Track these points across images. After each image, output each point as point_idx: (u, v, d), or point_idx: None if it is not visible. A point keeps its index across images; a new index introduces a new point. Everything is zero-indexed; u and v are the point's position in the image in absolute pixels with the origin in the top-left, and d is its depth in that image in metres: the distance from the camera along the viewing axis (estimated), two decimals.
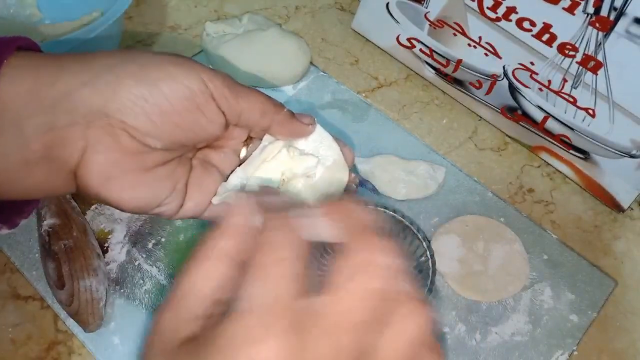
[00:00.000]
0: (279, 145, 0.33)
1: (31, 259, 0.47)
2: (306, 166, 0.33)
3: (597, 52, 0.47)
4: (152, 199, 0.31)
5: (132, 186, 0.30)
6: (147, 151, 0.30)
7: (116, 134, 0.28)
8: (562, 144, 0.54)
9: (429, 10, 0.57)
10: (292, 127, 0.33)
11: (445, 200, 0.53)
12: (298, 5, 0.67)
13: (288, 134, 0.34)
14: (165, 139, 0.30)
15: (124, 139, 0.29)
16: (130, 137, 0.29)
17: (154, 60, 0.29)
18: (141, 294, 0.46)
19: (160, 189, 0.31)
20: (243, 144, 0.35)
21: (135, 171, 0.30)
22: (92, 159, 0.28)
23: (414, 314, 0.23)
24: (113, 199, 0.30)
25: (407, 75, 0.62)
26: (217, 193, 0.34)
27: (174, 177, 0.32)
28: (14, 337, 0.44)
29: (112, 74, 0.28)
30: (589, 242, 0.52)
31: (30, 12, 0.58)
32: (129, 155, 0.29)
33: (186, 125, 0.30)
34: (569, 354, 0.46)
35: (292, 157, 0.33)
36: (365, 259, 0.23)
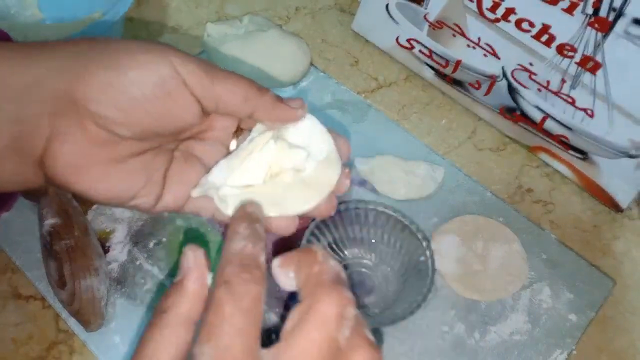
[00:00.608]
0: (267, 136, 0.32)
1: (32, 258, 0.48)
2: (295, 160, 0.31)
3: (596, 52, 0.47)
4: (124, 191, 0.30)
5: (102, 177, 0.29)
6: (117, 141, 0.29)
7: (83, 123, 0.27)
8: (561, 144, 0.54)
9: (428, 11, 0.57)
10: (279, 112, 0.31)
11: (444, 200, 0.53)
12: (298, 7, 0.68)
13: (274, 120, 0.32)
14: (134, 128, 0.28)
15: (91, 128, 0.28)
16: (98, 126, 0.28)
17: (123, 47, 0.28)
18: (142, 294, 0.47)
19: (132, 181, 0.30)
20: (233, 135, 0.33)
21: (105, 162, 0.29)
22: (58, 149, 0.27)
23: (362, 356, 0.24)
24: (83, 190, 0.29)
25: (406, 76, 0.63)
26: (198, 185, 0.32)
27: (149, 169, 0.30)
28: (15, 336, 0.45)
29: (79, 61, 0.27)
30: (588, 242, 0.52)
31: (31, 13, 0.58)
32: (97, 145, 0.28)
33: (156, 114, 0.28)
34: (568, 354, 0.46)
35: (280, 150, 0.31)
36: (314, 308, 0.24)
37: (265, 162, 0.31)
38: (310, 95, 0.59)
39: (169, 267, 0.48)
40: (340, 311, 0.24)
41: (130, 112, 0.28)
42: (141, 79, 0.27)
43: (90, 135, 0.28)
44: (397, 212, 0.47)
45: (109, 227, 0.50)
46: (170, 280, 0.47)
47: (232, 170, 0.32)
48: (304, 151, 0.31)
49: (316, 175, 0.31)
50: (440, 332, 0.46)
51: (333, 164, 0.32)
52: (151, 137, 0.30)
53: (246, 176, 0.31)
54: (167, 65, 0.28)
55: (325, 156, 0.32)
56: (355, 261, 0.49)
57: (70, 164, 0.28)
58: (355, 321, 0.25)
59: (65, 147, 0.27)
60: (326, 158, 0.32)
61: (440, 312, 0.47)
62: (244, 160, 0.31)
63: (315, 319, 0.24)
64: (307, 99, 0.59)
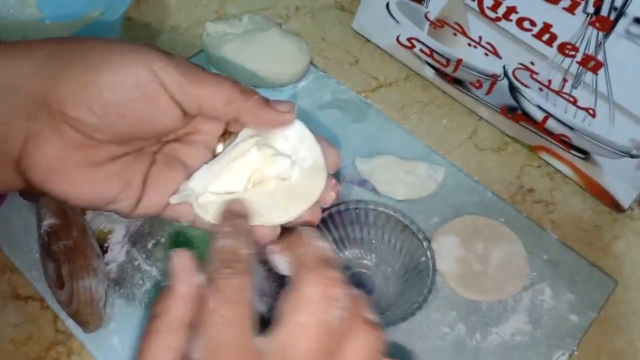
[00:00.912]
0: (251, 142, 0.30)
1: (31, 259, 0.47)
2: (278, 168, 0.30)
3: (597, 52, 0.47)
4: (101, 195, 0.29)
5: (79, 182, 0.28)
6: (94, 145, 0.28)
7: (58, 126, 0.27)
8: (562, 143, 0.54)
9: (429, 10, 0.57)
10: (265, 116, 0.30)
11: (445, 200, 0.53)
12: (298, 6, 0.67)
13: (261, 124, 0.30)
14: (111, 132, 0.28)
15: (67, 131, 0.27)
16: (74, 129, 0.27)
17: (100, 48, 0.27)
18: (141, 294, 0.46)
19: (110, 186, 0.29)
20: (219, 139, 0.32)
21: (82, 166, 0.28)
22: (34, 152, 0.27)
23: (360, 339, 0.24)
24: (59, 194, 0.28)
25: (407, 75, 0.62)
26: (178, 191, 0.31)
27: (127, 174, 0.29)
28: (14, 337, 0.44)
29: (55, 63, 0.27)
30: (589, 242, 0.52)
31: (30, 12, 0.58)
32: (73, 148, 0.27)
33: (132, 118, 0.27)
34: (569, 354, 0.46)
35: (264, 157, 0.30)
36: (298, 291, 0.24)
37: (248, 169, 0.30)
38: (310, 94, 0.59)
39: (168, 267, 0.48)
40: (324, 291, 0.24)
41: (106, 117, 0.27)
42: (117, 82, 0.26)
43: (66, 139, 0.27)
44: (398, 212, 0.47)
45: (107, 227, 0.49)
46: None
47: (213, 177, 0.31)
48: (289, 159, 0.30)
49: (301, 185, 0.30)
50: (440, 333, 0.46)
51: (319, 174, 0.31)
52: (130, 141, 0.29)
53: (227, 183, 0.30)
54: (144, 68, 0.27)
55: (311, 165, 0.31)
56: (355, 261, 0.49)
57: (46, 167, 0.27)
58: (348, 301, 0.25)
59: (41, 150, 0.27)
60: (312, 167, 0.31)
61: (441, 313, 0.47)
62: (225, 167, 0.30)
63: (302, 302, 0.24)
64: (307, 99, 0.59)
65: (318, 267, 0.24)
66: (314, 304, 0.24)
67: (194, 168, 0.32)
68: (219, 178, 0.30)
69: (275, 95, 0.59)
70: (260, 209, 0.29)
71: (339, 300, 0.24)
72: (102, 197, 0.29)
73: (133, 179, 0.30)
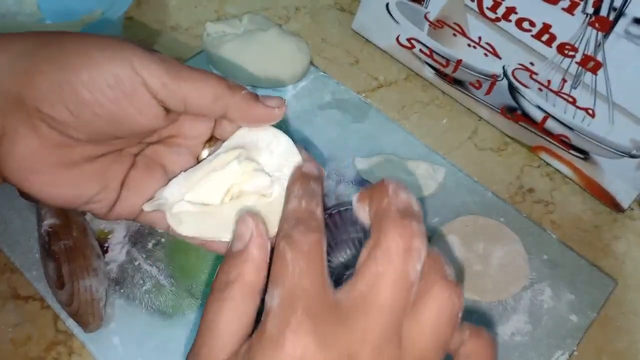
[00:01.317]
0: (233, 155, 0.29)
1: (31, 259, 0.47)
2: (257, 185, 0.29)
3: (597, 52, 0.47)
4: (77, 196, 0.28)
5: (54, 181, 0.27)
6: (71, 144, 0.27)
7: (34, 124, 0.26)
8: (562, 144, 0.54)
9: (428, 10, 0.57)
10: (254, 111, 0.29)
11: (445, 200, 0.53)
12: (298, 6, 0.67)
13: (249, 120, 0.29)
14: (87, 131, 0.27)
15: (42, 129, 0.26)
16: (50, 127, 0.26)
17: (78, 43, 0.26)
18: (141, 294, 0.46)
19: (85, 187, 0.28)
20: (204, 144, 0.31)
21: (58, 165, 0.27)
22: (9, 150, 0.26)
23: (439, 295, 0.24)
24: (34, 192, 0.27)
25: (407, 76, 0.62)
26: (152, 198, 0.30)
27: (105, 175, 0.29)
28: (14, 337, 0.44)
29: (30, 59, 0.26)
30: (589, 242, 0.52)
31: (30, 11, 0.58)
32: (49, 147, 0.27)
33: (111, 117, 0.26)
34: (569, 354, 0.46)
35: (244, 172, 0.29)
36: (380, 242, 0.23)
37: (226, 183, 0.29)
38: (310, 94, 0.59)
39: (168, 267, 0.48)
40: (406, 244, 0.23)
41: (83, 115, 0.26)
42: (94, 80, 0.25)
43: (41, 137, 0.26)
44: None
45: (107, 227, 0.49)
46: (170, 281, 0.47)
47: (190, 186, 0.30)
48: (268, 177, 0.29)
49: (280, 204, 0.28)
50: None
51: None
52: (108, 140, 0.28)
53: (203, 194, 0.30)
54: (124, 66, 0.26)
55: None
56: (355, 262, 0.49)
57: (21, 165, 0.27)
58: (428, 255, 0.24)
59: (16, 147, 0.26)
60: None
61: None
62: (204, 177, 0.30)
63: (381, 252, 0.23)
64: (307, 99, 0.59)
65: (399, 218, 0.23)
66: (394, 256, 0.23)
67: (174, 173, 0.31)
68: (196, 187, 0.30)
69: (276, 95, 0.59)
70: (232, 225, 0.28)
71: (419, 253, 0.23)
72: (78, 197, 0.28)
73: (111, 181, 0.29)
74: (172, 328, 0.44)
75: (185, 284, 0.47)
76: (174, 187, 0.30)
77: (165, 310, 0.45)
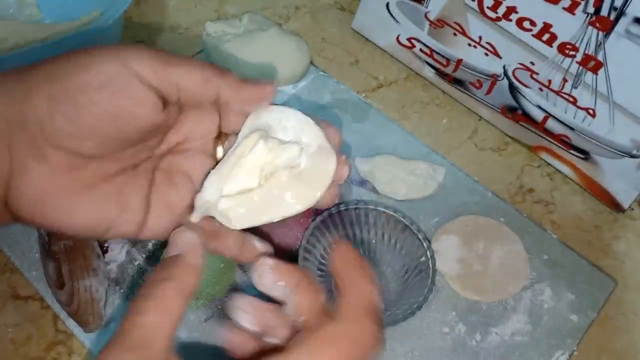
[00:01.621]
0: (255, 137, 0.29)
1: (31, 259, 0.47)
2: (288, 156, 0.29)
3: (598, 52, 0.47)
4: (97, 220, 0.27)
5: (71, 208, 0.26)
6: (82, 164, 0.26)
7: (41, 150, 0.25)
8: (562, 143, 0.54)
9: (429, 10, 0.57)
10: (247, 91, 0.29)
11: (445, 200, 0.53)
12: (298, 5, 0.67)
13: (244, 100, 0.29)
14: (91, 140, 0.26)
15: (50, 154, 0.26)
16: (57, 148, 0.26)
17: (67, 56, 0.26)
18: None
19: (106, 209, 0.27)
20: (215, 141, 0.31)
21: (73, 190, 0.26)
22: (20, 183, 0.25)
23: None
24: (52, 225, 0.27)
25: (407, 75, 0.62)
26: (195, 207, 0.30)
27: (123, 193, 0.28)
28: (14, 337, 0.44)
29: (24, 84, 0.25)
30: (589, 242, 0.52)
31: (30, 12, 0.58)
32: (60, 172, 0.26)
33: (109, 115, 0.26)
34: (569, 354, 0.46)
35: (271, 149, 0.29)
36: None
37: (258, 164, 0.29)
38: (310, 94, 0.59)
39: None
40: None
41: (83, 121, 0.25)
42: (87, 82, 0.25)
43: (51, 163, 0.26)
44: (398, 213, 0.47)
45: None
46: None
47: (224, 180, 0.30)
48: (297, 145, 0.30)
49: (312, 169, 0.30)
50: (440, 333, 0.46)
51: (327, 155, 0.30)
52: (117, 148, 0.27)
53: (240, 182, 0.30)
54: (113, 63, 0.26)
55: (317, 148, 0.30)
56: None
57: (34, 197, 0.26)
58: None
59: (26, 179, 0.25)
60: (319, 149, 0.30)
61: (441, 312, 0.47)
62: (234, 167, 0.30)
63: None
64: (307, 99, 0.59)
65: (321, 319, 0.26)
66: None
67: (199, 177, 0.30)
68: (230, 180, 0.30)
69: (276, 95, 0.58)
70: (279, 201, 0.29)
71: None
72: (99, 222, 0.27)
73: (131, 199, 0.28)
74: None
75: None
76: (210, 188, 0.30)
77: None
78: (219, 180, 0.30)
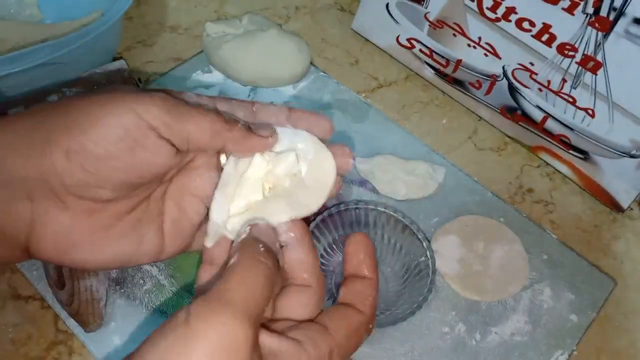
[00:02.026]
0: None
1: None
2: (286, 164, 0.31)
3: (597, 52, 0.47)
4: (117, 257, 0.29)
5: (93, 249, 0.28)
6: (100, 208, 0.28)
7: (61, 198, 0.27)
8: (562, 144, 0.54)
9: (428, 10, 0.57)
10: (250, 144, 0.30)
11: (445, 200, 0.53)
12: (298, 6, 0.67)
13: (246, 151, 0.31)
14: (110, 187, 0.27)
15: (70, 202, 0.27)
16: (77, 197, 0.27)
17: (81, 106, 0.27)
18: (141, 294, 0.46)
19: (124, 245, 0.29)
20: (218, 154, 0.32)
21: (93, 232, 0.28)
22: (43, 233, 0.27)
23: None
24: (75, 265, 0.28)
25: (406, 76, 0.62)
26: (208, 233, 0.31)
27: (139, 227, 0.30)
28: (14, 337, 0.44)
29: (37, 129, 0.26)
30: (589, 242, 0.52)
31: (30, 12, 0.58)
32: (81, 218, 0.27)
33: (127, 166, 0.27)
34: (569, 354, 0.46)
35: (269, 161, 0.31)
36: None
37: (259, 177, 0.31)
38: (310, 94, 0.59)
39: (169, 267, 0.48)
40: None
41: (102, 171, 0.27)
42: (105, 137, 0.26)
43: (72, 211, 0.27)
44: (398, 212, 0.47)
45: None
46: (170, 281, 0.47)
47: (230, 200, 0.31)
48: (292, 152, 0.31)
49: (314, 171, 0.31)
50: (440, 332, 0.46)
51: (324, 155, 0.31)
52: (133, 190, 0.29)
53: (245, 197, 0.31)
54: (129, 116, 0.27)
55: (314, 151, 0.31)
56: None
57: (58, 244, 0.27)
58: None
59: (49, 229, 0.27)
60: (315, 153, 0.31)
61: (441, 312, 0.47)
62: (237, 185, 0.31)
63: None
64: (307, 99, 0.59)
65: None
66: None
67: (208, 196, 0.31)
68: (236, 197, 0.31)
69: (276, 95, 0.59)
70: (287, 208, 0.30)
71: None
72: (119, 258, 0.29)
73: (146, 234, 0.30)
74: None
75: (185, 284, 0.47)
76: (218, 210, 0.31)
77: (165, 310, 0.45)
78: (225, 202, 0.31)
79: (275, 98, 0.58)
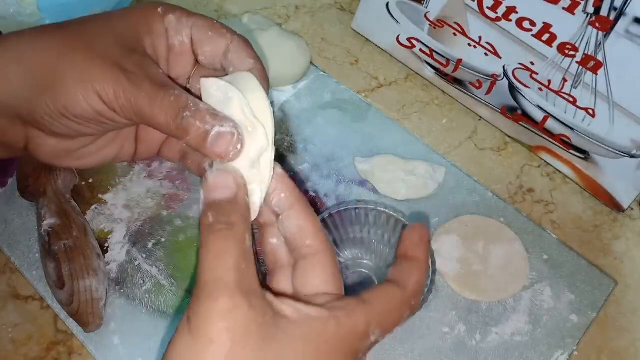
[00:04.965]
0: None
1: (31, 259, 0.48)
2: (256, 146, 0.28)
3: (597, 52, 0.47)
4: (103, 159, 0.34)
5: (81, 158, 0.33)
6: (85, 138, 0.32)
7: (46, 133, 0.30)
8: (562, 143, 0.54)
9: (429, 10, 0.57)
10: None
11: (445, 200, 0.53)
12: (298, 5, 0.67)
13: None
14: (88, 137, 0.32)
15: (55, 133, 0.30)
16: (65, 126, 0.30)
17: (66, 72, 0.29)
18: (141, 294, 0.46)
19: (109, 152, 0.33)
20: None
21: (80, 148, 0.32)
22: (35, 149, 0.31)
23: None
24: (65, 166, 0.35)
25: (407, 75, 0.62)
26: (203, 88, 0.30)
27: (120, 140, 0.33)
28: (14, 337, 0.45)
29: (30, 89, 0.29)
30: (589, 242, 0.52)
31: (30, 12, 0.58)
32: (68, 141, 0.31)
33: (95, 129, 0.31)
34: (569, 354, 0.46)
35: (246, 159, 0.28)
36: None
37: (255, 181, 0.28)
38: (310, 94, 0.59)
39: (168, 267, 0.48)
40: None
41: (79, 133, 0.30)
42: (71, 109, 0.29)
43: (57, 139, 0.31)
44: (398, 212, 0.47)
45: (107, 227, 0.49)
46: (170, 281, 0.47)
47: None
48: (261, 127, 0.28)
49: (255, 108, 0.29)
50: (440, 332, 0.46)
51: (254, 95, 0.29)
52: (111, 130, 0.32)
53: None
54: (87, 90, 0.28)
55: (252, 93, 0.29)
56: (355, 262, 0.49)
57: (49, 156, 0.32)
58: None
59: (40, 148, 0.31)
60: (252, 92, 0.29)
61: (441, 312, 0.47)
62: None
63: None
64: (307, 99, 0.59)
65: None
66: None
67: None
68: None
69: (276, 95, 0.59)
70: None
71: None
72: (103, 161, 0.34)
73: (125, 142, 0.34)
74: (172, 328, 0.44)
75: (185, 284, 0.47)
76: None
77: (165, 310, 0.45)
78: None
79: (275, 97, 0.58)
